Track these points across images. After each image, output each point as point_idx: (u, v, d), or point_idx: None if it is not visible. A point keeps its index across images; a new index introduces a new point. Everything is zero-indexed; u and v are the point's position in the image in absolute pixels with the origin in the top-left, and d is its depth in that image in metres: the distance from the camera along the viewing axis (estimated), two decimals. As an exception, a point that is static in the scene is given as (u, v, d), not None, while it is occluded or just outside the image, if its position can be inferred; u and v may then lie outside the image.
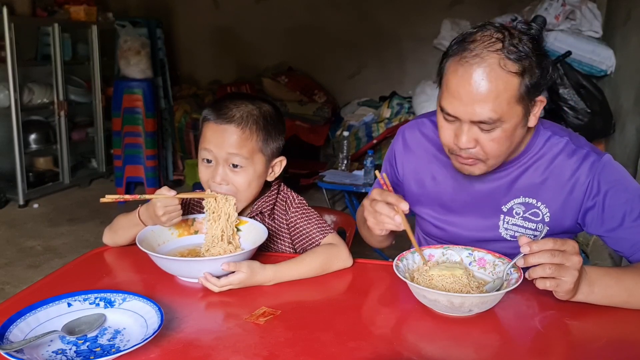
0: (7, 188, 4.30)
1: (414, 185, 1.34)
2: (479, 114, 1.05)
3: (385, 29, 5.39)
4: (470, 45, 1.05)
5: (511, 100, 1.04)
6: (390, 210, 1.10)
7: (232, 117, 1.22)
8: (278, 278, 1.14)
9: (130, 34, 4.49)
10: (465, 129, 1.08)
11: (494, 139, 1.08)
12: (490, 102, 1.03)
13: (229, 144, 1.21)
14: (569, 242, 0.96)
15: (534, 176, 1.20)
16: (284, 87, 5.32)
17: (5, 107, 4.12)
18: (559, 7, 3.55)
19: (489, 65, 1.03)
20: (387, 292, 1.17)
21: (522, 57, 1.03)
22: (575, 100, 3.23)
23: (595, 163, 1.16)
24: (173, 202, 1.16)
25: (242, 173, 1.24)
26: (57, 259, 3.32)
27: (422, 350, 0.92)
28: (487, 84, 1.03)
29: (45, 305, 0.95)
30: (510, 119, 1.06)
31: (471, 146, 1.09)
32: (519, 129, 1.10)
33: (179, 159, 5.16)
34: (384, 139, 4.37)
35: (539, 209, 1.21)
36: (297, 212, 1.33)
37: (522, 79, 1.04)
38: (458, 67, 1.05)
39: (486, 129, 1.07)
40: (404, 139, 1.36)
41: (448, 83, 1.08)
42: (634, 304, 1.05)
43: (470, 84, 1.04)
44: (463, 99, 1.05)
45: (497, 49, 1.03)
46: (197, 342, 0.91)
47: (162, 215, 1.16)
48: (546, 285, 0.97)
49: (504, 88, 1.03)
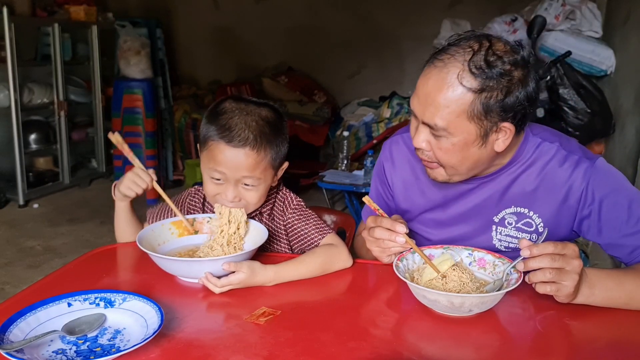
0: (7, 188, 4.30)
1: (402, 201, 1.33)
2: (428, 116, 1.05)
3: (385, 29, 5.39)
4: (450, 48, 1.04)
5: (461, 115, 1.02)
6: (391, 233, 1.10)
7: (246, 139, 1.16)
8: (278, 278, 1.14)
9: (130, 34, 4.49)
10: (420, 128, 1.09)
11: (442, 148, 1.07)
12: (440, 109, 1.03)
13: (243, 167, 1.18)
14: (569, 246, 0.96)
15: (525, 184, 1.17)
16: (283, 87, 5.33)
17: (5, 107, 4.12)
18: (559, 7, 3.55)
19: (448, 73, 1.01)
20: (387, 292, 1.16)
21: (486, 75, 0.99)
22: (575, 100, 3.23)
23: (588, 169, 1.13)
24: (145, 176, 1.22)
25: (253, 190, 1.23)
26: (57, 259, 3.32)
27: (422, 350, 0.92)
28: (441, 90, 1.02)
29: (45, 305, 0.95)
30: (459, 133, 1.04)
31: (423, 147, 1.10)
32: (474, 148, 1.07)
33: (179, 159, 5.16)
34: (384, 139, 4.37)
35: (532, 219, 1.19)
36: (295, 214, 1.33)
37: (478, 96, 1.00)
38: (426, 66, 1.06)
39: (436, 134, 1.07)
40: (391, 154, 1.34)
41: (418, 80, 1.08)
42: (635, 306, 1.05)
43: (427, 84, 1.04)
44: (420, 97, 1.06)
45: (465, 59, 1.00)
46: (197, 342, 0.91)
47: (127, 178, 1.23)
48: (547, 290, 0.97)
49: (455, 99, 1.01)
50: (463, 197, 1.23)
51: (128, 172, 1.25)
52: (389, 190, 1.36)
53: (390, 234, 1.10)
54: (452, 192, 1.23)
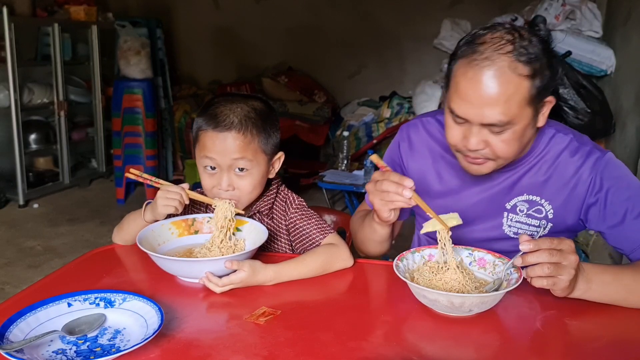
0: (7, 188, 4.30)
1: (417, 185, 1.33)
2: (489, 116, 1.04)
3: (385, 29, 5.39)
4: (480, 47, 1.04)
5: (522, 103, 1.04)
6: (398, 186, 1.06)
7: (232, 123, 1.21)
8: (279, 278, 1.14)
9: (130, 34, 4.49)
10: (475, 131, 1.08)
11: (504, 140, 1.08)
12: (500, 105, 1.03)
13: (232, 150, 1.20)
14: (566, 241, 0.97)
15: (538, 174, 1.21)
16: (284, 87, 5.32)
17: (5, 107, 4.12)
18: (559, 7, 3.55)
19: (500, 69, 1.02)
20: (387, 292, 1.17)
21: (532, 59, 1.02)
22: (575, 100, 3.22)
23: (598, 160, 1.17)
24: (177, 191, 1.21)
25: (247, 177, 1.24)
26: (57, 259, 3.32)
27: (422, 350, 0.92)
28: (498, 87, 1.02)
29: (45, 305, 0.95)
30: (520, 121, 1.06)
31: (481, 147, 1.09)
32: (529, 130, 1.10)
33: (179, 159, 5.16)
34: (384, 139, 4.37)
35: (543, 206, 1.21)
36: (297, 213, 1.33)
37: (533, 81, 1.03)
38: (468, 70, 1.04)
39: (496, 131, 1.07)
40: (409, 136, 1.35)
41: (458, 85, 1.07)
42: (633, 301, 1.06)
43: (480, 87, 1.03)
44: (473, 101, 1.05)
45: (508, 51, 1.02)
46: (197, 342, 0.91)
47: (160, 197, 1.20)
48: (543, 284, 0.97)
49: (514, 91, 1.02)
50: (478, 186, 1.25)
51: (158, 192, 1.23)
52: (402, 172, 1.36)
53: (397, 186, 1.06)
54: (469, 180, 1.25)
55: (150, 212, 1.25)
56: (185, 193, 1.23)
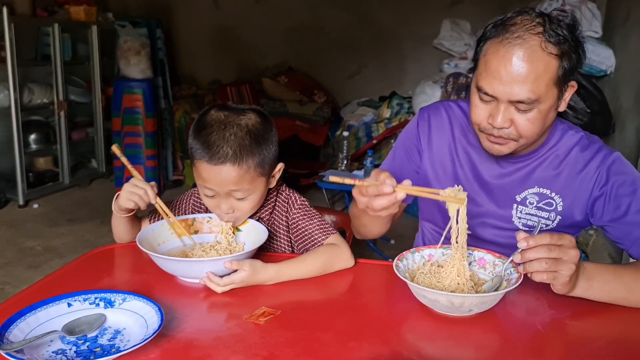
0: (7, 188, 4.30)
1: (431, 166, 1.33)
2: (518, 93, 1.06)
3: (385, 29, 5.38)
4: (512, 27, 1.07)
5: (549, 82, 1.07)
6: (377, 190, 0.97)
7: (226, 155, 1.16)
8: (280, 277, 1.14)
9: (130, 34, 4.49)
10: (502, 108, 1.10)
11: (530, 119, 1.10)
12: (529, 83, 1.05)
13: (228, 182, 1.18)
14: (566, 237, 0.97)
15: (549, 168, 1.23)
16: (284, 87, 5.32)
17: (5, 107, 4.12)
18: (559, 7, 3.55)
19: (531, 47, 1.05)
20: (387, 292, 1.17)
21: (561, 40, 1.06)
22: (575, 100, 3.22)
23: (606, 156, 1.20)
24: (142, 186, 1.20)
25: (247, 201, 1.23)
26: (57, 259, 3.32)
27: (422, 350, 0.92)
28: (528, 65, 1.05)
29: (45, 305, 0.95)
30: (546, 100, 1.09)
31: (506, 126, 1.11)
32: (552, 112, 1.13)
33: (179, 159, 5.16)
34: (384, 139, 4.37)
35: (553, 199, 1.23)
36: (299, 213, 1.33)
37: (561, 61, 1.07)
38: (499, 48, 1.07)
39: (523, 109, 1.09)
40: (429, 118, 1.34)
41: (488, 63, 1.09)
42: (633, 300, 1.06)
43: (511, 64, 1.06)
44: (503, 78, 1.07)
45: (539, 32, 1.05)
46: (197, 342, 0.92)
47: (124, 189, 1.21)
48: (543, 278, 0.97)
49: (544, 69, 1.05)
50: (491, 174, 1.27)
51: (125, 184, 1.22)
52: (420, 152, 1.34)
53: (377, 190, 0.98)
54: (482, 167, 1.27)
55: (116, 202, 1.25)
56: (153, 192, 1.21)
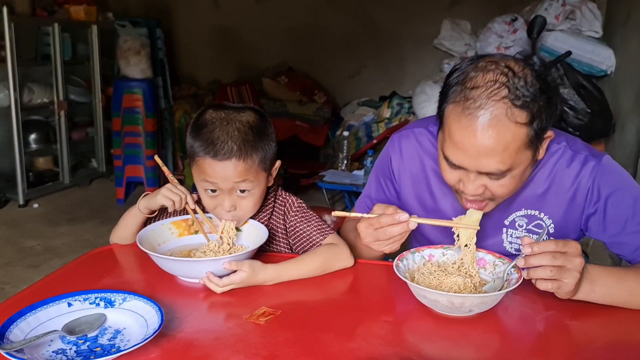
0: (7, 188, 4.30)
1: (410, 199, 1.30)
2: (486, 166, 1.00)
3: (385, 29, 5.39)
4: (473, 92, 0.97)
5: (520, 149, 0.99)
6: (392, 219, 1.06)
7: (231, 150, 1.16)
8: (279, 277, 1.14)
9: (130, 34, 4.49)
10: (472, 177, 1.04)
11: (504, 185, 1.04)
12: (498, 155, 0.98)
13: (234, 175, 1.18)
14: (572, 244, 0.95)
15: (535, 187, 1.18)
16: (284, 87, 5.33)
17: (5, 107, 4.12)
18: (559, 7, 3.55)
19: (496, 117, 0.95)
20: (387, 292, 1.16)
21: (529, 102, 0.96)
22: (575, 100, 3.23)
23: (595, 168, 1.14)
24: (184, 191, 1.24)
25: (249, 197, 1.23)
26: (57, 259, 3.32)
27: (422, 350, 0.92)
28: (495, 137, 0.96)
29: (45, 305, 0.95)
30: (519, 165, 1.02)
31: (479, 192, 1.06)
32: (529, 169, 1.07)
33: (179, 159, 5.16)
34: (384, 139, 4.37)
35: (543, 220, 1.19)
36: (297, 216, 1.33)
37: (531, 126, 0.97)
38: (461, 118, 0.98)
39: (494, 178, 1.03)
40: (400, 147, 1.30)
41: (451, 132, 1.01)
42: (635, 303, 1.05)
43: (475, 138, 0.97)
44: (469, 151, 0.99)
45: (503, 96, 0.95)
46: (197, 342, 0.91)
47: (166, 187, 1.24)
48: (547, 287, 0.97)
49: (512, 139, 0.97)
50: None
51: (166, 185, 1.26)
52: (394, 184, 1.33)
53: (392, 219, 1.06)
54: None
55: (146, 200, 1.26)
56: (191, 199, 1.25)
